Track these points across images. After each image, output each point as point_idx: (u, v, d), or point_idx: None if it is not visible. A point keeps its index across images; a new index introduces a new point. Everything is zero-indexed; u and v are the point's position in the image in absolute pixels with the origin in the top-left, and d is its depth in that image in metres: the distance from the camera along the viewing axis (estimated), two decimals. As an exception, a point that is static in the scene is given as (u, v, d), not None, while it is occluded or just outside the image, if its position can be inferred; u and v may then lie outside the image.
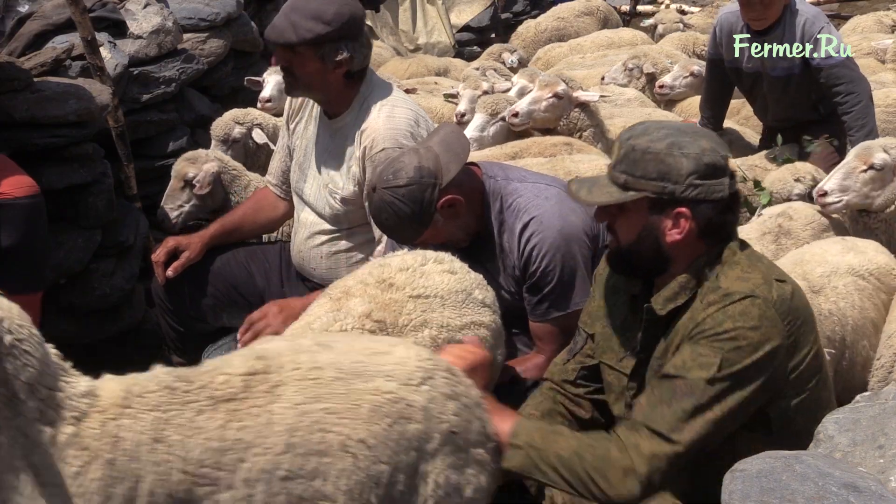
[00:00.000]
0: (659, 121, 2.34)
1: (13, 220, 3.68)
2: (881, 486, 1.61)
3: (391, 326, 2.53)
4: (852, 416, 1.87)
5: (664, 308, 2.26)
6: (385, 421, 1.92)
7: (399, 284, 2.64)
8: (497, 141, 5.06)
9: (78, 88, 4.25)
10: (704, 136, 2.26)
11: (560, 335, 3.00)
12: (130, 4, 5.25)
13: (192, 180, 4.28)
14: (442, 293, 2.64)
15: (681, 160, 2.18)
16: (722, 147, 2.25)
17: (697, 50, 7.07)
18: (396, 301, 2.59)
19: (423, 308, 2.59)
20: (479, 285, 2.75)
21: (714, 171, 2.20)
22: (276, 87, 5.20)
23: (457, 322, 2.62)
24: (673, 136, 2.21)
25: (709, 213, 2.21)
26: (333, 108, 3.43)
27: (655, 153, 2.20)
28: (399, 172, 2.86)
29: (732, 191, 2.24)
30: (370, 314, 2.52)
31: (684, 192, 2.19)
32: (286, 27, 3.20)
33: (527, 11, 11.04)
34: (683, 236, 2.22)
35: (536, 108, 4.94)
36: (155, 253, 3.76)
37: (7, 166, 3.79)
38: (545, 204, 2.97)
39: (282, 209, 3.81)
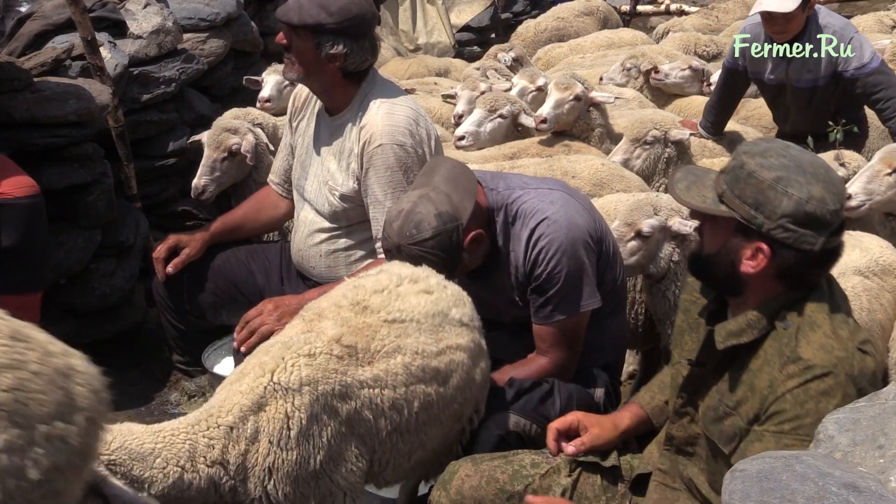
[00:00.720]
0: (787, 145, 2.16)
1: (13, 220, 3.69)
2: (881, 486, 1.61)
3: (362, 352, 2.47)
4: (852, 416, 1.87)
5: (724, 342, 2.17)
6: None
7: (373, 307, 2.57)
8: (494, 138, 5.05)
9: (78, 88, 4.25)
10: (823, 181, 2.07)
11: (563, 339, 2.99)
12: (130, 4, 5.25)
13: (237, 150, 4.26)
14: (418, 317, 2.57)
15: (781, 198, 2.05)
16: (835, 200, 2.07)
17: (699, 51, 7.06)
18: (370, 325, 2.52)
19: (396, 333, 2.53)
20: (456, 302, 2.69)
21: (812, 221, 2.05)
22: (276, 87, 5.20)
23: (432, 348, 2.56)
24: (787, 169, 2.07)
25: (791, 260, 2.08)
26: (332, 104, 3.45)
27: (759, 181, 2.08)
28: (421, 224, 2.79)
29: (828, 247, 2.08)
30: (340, 339, 2.46)
31: (772, 231, 2.07)
32: (293, 7, 3.29)
33: (527, 11, 11.03)
34: (756, 272, 2.11)
35: (561, 111, 4.94)
36: (156, 250, 3.77)
37: (7, 166, 3.79)
38: (551, 208, 2.96)
39: (283, 209, 3.82)
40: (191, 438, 2.27)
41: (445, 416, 2.63)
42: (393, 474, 2.64)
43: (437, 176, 2.93)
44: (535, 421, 2.87)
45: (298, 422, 2.32)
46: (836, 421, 1.87)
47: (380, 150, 3.27)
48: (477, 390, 2.72)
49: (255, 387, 2.35)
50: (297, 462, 2.33)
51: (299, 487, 2.35)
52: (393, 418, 2.49)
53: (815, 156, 2.15)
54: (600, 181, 4.42)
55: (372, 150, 3.28)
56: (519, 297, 3.03)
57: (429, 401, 2.55)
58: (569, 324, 2.97)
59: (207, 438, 2.28)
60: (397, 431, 2.52)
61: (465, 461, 2.56)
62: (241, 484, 2.31)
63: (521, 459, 2.56)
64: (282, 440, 2.31)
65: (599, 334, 3.10)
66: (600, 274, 3.03)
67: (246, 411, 2.31)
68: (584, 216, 2.99)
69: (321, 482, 2.39)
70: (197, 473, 2.26)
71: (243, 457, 2.29)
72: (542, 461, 2.54)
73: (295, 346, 2.43)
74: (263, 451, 2.30)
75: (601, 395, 3.08)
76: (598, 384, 3.09)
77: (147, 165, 5.04)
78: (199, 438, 2.27)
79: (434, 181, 2.91)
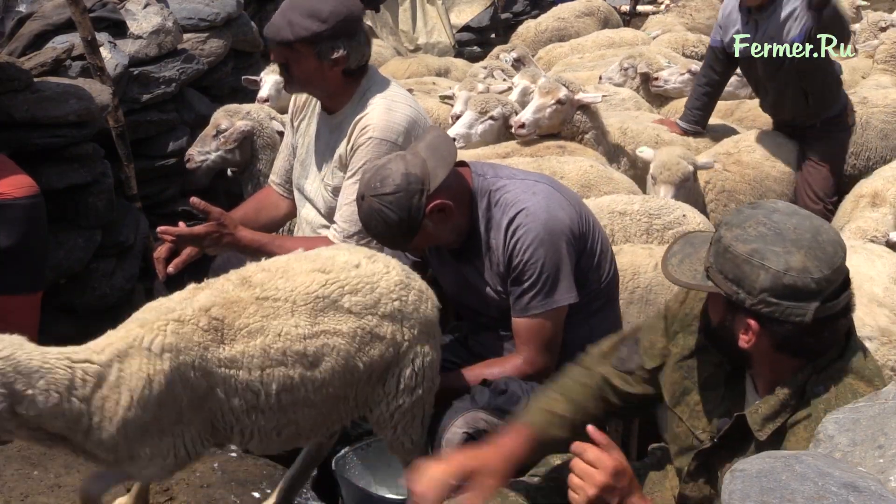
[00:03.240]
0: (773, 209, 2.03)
1: (13, 220, 3.69)
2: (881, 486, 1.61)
3: (227, 327, 2.46)
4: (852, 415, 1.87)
5: (763, 429, 2.05)
6: None
7: (254, 283, 2.54)
8: (486, 139, 5.03)
9: (78, 88, 4.25)
10: (805, 247, 1.94)
11: (540, 333, 2.96)
12: (130, 4, 5.26)
13: (223, 132, 4.40)
14: (294, 297, 2.53)
15: (758, 272, 1.94)
16: (821, 266, 1.93)
17: (688, 51, 7.06)
18: (241, 301, 2.49)
19: (264, 313, 2.49)
20: (356, 288, 2.60)
21: (794, 293, 1.92)
22: (274, 87, 5.20)
23: (301, 331, 2.50)
24: (763, 240, 1.95)
25: (784, 333, 1.97)
26: (333, 104, 3.45)
27: (735, 255, 1.97)
28: (386, 180, 2.84)
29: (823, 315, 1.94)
30: (210, 309, 2.46)
31: (755, 306, 1.96)
32: (283, 25, 3.23)
33: (527, 11, 11.05)
34: (751, 346, 2.02)
35: (541, 115, 4.90)
36: (157, 250, 3.76)
37: (7, 166, 3.79)
38: (532, 199, 2.95)
39: (283, 209, 3.82)
40: (71, 367, 2.29)
41: (319, 399, 2.58)
42: (260, 445, 2.63)
43: (422, 142, 2.97)
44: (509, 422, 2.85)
45: (158, 385, 2.35)
46: (836, 421, 1.87)
47: (369, 142, 3.28)
48: (363, 375, 2.63)
49: (128, 335, 2.39)
50: (150, 420, 2.36)
51: (143, 439, 2.39)
52: (248, 399, 2.48)
53: (805, 217, 2.01)
54: (588, 182, 4.42)
55: (363, 139, 3.29)
56: (501, 286, 3.02)
57: (291, 384, 2.51)
58: (545, 318, 2.94)
59: (83, 372, 2.31)
60: (256, 410, 2.50)
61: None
62: (96, 427, 2.33)
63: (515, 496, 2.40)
64: (141, 398, 2.34)
65: (588, 334, 3.06)
66: (584, 271, 3.01)
67: (113, 356, 2.35)
68: (567, 210, 2.97)
69: (164, 440, 2.42)
70: (70, 405, 2.28)
71: (103, 401, 2.32)
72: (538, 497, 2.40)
73: (167, 308, 2.47)
74: (125, 403, 2.33)
75: None
76: None
77: (147, 165, 5.05)
78: (77, 370, 2.30)
79: (417, 147, 2.95)
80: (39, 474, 3.28)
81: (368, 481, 3.38)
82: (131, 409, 2.33)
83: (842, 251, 1.98)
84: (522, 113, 4.95)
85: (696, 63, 6.18)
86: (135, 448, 2.39)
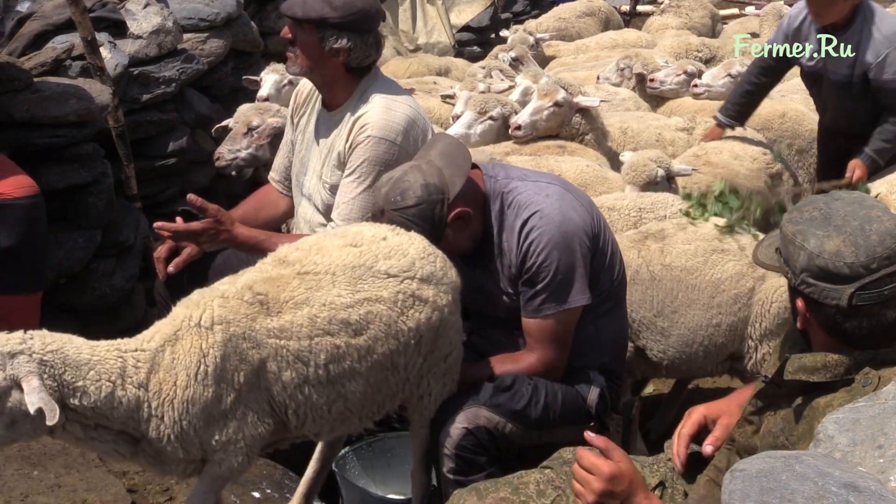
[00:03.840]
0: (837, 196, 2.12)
1: (13, 220, 3.69)
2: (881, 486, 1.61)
3: (272, 301, 2.54)
4: (852, 415, 1.86)
5: (794, 374, 2.11)
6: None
7: (291, 261, 2.65)
8: (485, 139, 5.04)
9: (78, 88, 4.25)
10: (846, 233, 2.02)
11: (553, 333, 2.96)
12: (130, 4, 5.26)
13: (255, 129, 4.56)
14: (335, 269, 2.61)
15: (799, 252, 2.05)
16: (856, 253, 1.99)
17: (690, 55, 7.06)
18: (283, 276, 2.59)
19: (308, 286, 2.57)
20: (389, 254, 2.68)
21: (827, 276, 2.01)
22: (274, 87, 5.21)
23: (344, 300, 2.58)
24: (810, 223, 2.06)
25: (827, 314, 2.05)
26: (332, 99, 3.45)
27: (784, 235, 2.10)
28: (406, 192, 2.82)
29: (860, 303, 2.00)
30: (252, 286, 2.55)
31: (799, 286, 2.07)
32: (297, 2, 3.29)
33: (527, 11, 11.06)
34: (803, 326, 2.12)
35: (538, 118, 4.91)
36: (157, 250, 3.76)
37: (7, 166, 3.79)
38: (545, 201, 2.95)
39: (283, 206, 3.82)
40: (122, 357, 2.36)
41: (365, 368, 2.62)
42: (314, 426, 2.66)
43: (433, 150, 2.96)
44: (511, 420, 2.84)
45: (213, 359, 2.41)
46: (836, 421, 1.87)
47: (368, 140, 3.28)
48: (410, 339, 2.68)
49: (175, 318, 2.47)
50: (211, 399, 2.42)
51: (209, 423, 2.44)
52: (299, 370, 2.53)
53: (864, 207, 2.08)
54: (584, 182, 4.43)
55: (362, 137, 3.29)
56: (511, 288, 3.02)
57: (338, 353, 2.56)
58: (558, 319, 2.94)
59: (135, 360, 2.37)
60: (308, 383, 2.55)
61: (471, 493, 2.41)
62: (157, 413, 2.39)
63: (526, 487, 2.42)
64: (198, 374, 2.40)
65: (595, 334, 3.08)
66: (595, 272, 3.01)
67: (165, 340, 2.42)
68: (580, 212, 2.98)
69: (229, 423, 2.47)
70: (126, 393, 2.34)
71: (161, 385, 2.38)
72: (548, 488, 2.41)
73: (212, 290, 2.57)
74: (182, 383, 2.39)
75: (595, 397, 3.04)
76: (593, 388, 3.05)
77: (147, 165, 5.05)
78: (129, 359, 2.37)
79: (430, 155, 2.94)
80: (39, 474, 3.27)
81: (368, 481, 3.38)
82: (189, 388, 2.39)
83: (892, 242, 2.00)
84: (520, 115, 4.95)
85: (692, 64, 6.17)
86: (203, 436, 2.44)
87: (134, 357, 2.37)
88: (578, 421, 3.01)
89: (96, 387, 2.29)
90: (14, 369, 2.20)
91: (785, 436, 2.13)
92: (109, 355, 2.34)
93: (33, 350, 2.23)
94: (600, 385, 3.06)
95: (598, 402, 3.05)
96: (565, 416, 2.97)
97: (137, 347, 2.40)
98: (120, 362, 2.34)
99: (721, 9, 9.90)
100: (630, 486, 2.09)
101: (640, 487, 2.11)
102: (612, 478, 2.09)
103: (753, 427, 2.27)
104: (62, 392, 2.26)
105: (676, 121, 5.57)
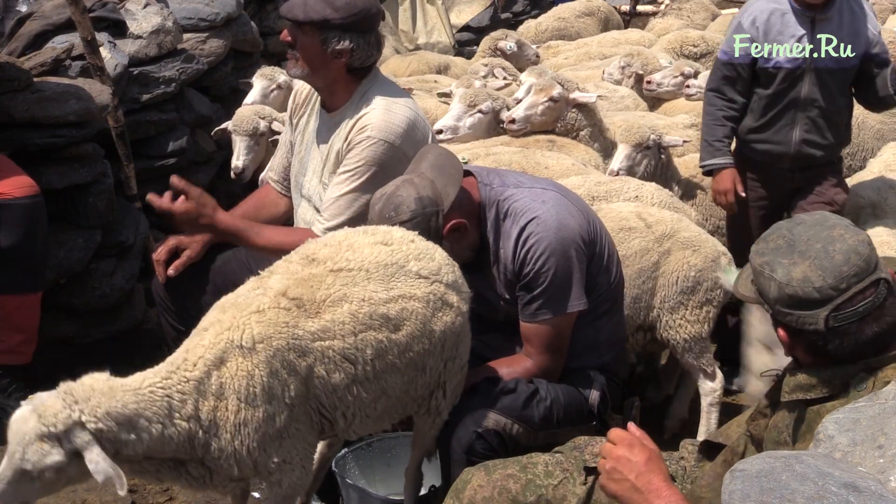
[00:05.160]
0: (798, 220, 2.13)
1: (13, 220, 3.69)
2: (881, 486, 1.61)
3: (308, 302, 2.47)
4: (852, 415, 1.87)
5: (790, 394, 2.13)
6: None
7: (321, 259, 2.58)
8: (476, 133, 5.03)
9: (78, 88, 4.25)
10: (811, 258, 2.02)
11: (549, 337, 2.97)
12: (130, 4, 5.25)
13: (265, 130, 4.78)
14: (367, 265, 2.57)
15: (769, 283, 2.06)
16: (823, 276, 1.99)
17: (685, 51, 7.06)
18: (315, 276, 2.53)
19: (343, 282, 2.52)
20: (419, 256, 2.66)
21: (800, 303, 2.01)
22: (261, 93, 5.24)
23: (381, 295, 2.54)
24: (776, 252, 2.07)
25: (810, 340, 2.05)
26: (333, 101, 3.44)
27: (754, 268, 2.11)
28: (400, 207, 2.81)
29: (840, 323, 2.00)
30: (286, 292, 2.48)
31: (777, 316, 2.09)
32: (298, 4, 3.26)
33: (527, 11, 11.05)
34: (790, 354, 2.13)
35: (533, 112, 4.92)
36: (156, 252, 3.76)
37: (7, 166, 3.79)
38: (542, 207, 2.95)
39: (283, 206, 3.81)
40: (168, 394, 2.30)
41: (403, 364, 2.61)
42: (362, 426, 2.66)
43: (424, 162, 2.95)
44: (518, 421, 2.85)
45: (260, 379, 2.36)
46: (836, 421, 1.87)
47: (366, 140, 3.27)
48: (438, 342, 2.67)
49: (217, 342, 2.38)
50: (264, 419, 2.38)
51: (265, 445, 2.40)
52: (347, 370, 2.50)
53: (825, 228, 2.06)
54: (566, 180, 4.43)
55: (360, 137, 3.28)
56: (509, 294, 3.02)
57: (382, 347, 2.54)
58: (554, 324, 2.95)
59: (180, 393, 2.31)
60: (356, 382, 2.53)
61: (479, 470, 2.49)
62: (213, 439, 2.36)
63: (534, 466, 2.49)
64: (248, 397, 2.35)
65: (594, 335, 3.09)
66: (592, 276, 3.02)
67: (209, 366, 2.35)
68: (577, 217, 2.98)
69: (284, 443, 2.44)
70: (176, 428, 2.30)
71: (213, 412, 2.34)
72: (556, 470, 2.48)
73: (244, 304, 2.47)
74: (233, 407, 2.34)
75: (596, 397, 3.05)
76: (594, 387, 3.06)
77: (147, 165, 5.05)
78: (174, 393, 2.31)
79: (421, 167, 2.93)
80: (39, 474, 3.26)
81: (368, 481, 3.37)
82: (241, 412, 2.35)
83: (857, 259, 2.00)
84: (514, 109, 4.96)
85: (689, 65, 6.13)
86: (259, 457, 2.40)
87: (179, 391, 2.31)
88: (581, 421, 3.03)
89: (147, 433, 2.26)
90: (72, 444, 2.16)
91: (788, 432, 2.15)
92: (155, 396, 2.29)
93: (85, 419, 2.18)
94: (601, 385, 3.07)
95: (600, 401, 3.06)
96: (568, 416, 2.98)
97: (180, 379, 2.33)
98: (166, 401, 2.29)
99: (722, 9, 9.89)
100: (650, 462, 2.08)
101: (661, 469, 2.10)
102: (630, 444, 2.11)
103: (767, 420, 2.29)
104: (117, 446, 2.22)
105: (682, 118, 5.56)
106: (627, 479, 2.06)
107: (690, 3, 9.36)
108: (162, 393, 2.30)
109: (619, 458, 2.10)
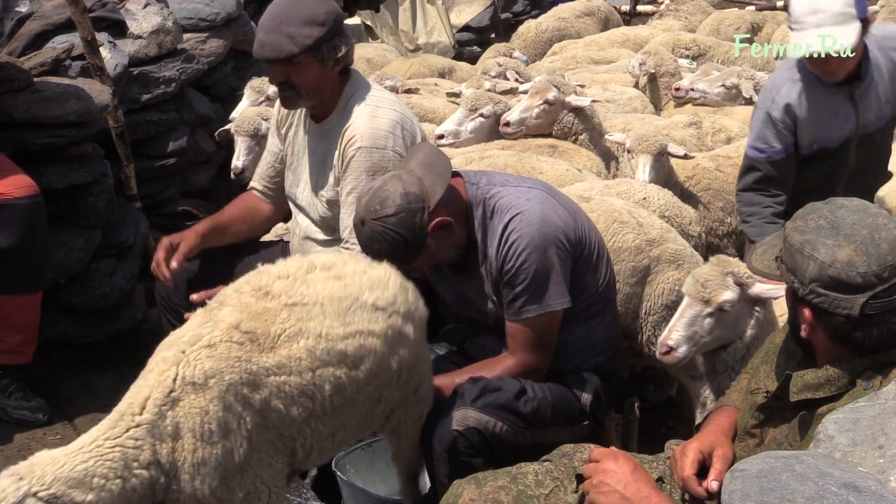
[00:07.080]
0: (840, 204, 2.10)
1: (13, 220, 3.69)
2: (881, 486, 1.61)
3: (263, 336, 2.40)
4: (852, 416, 1.87)
5: (799, 394, 2.12)
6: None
7: (275, 292, 2.49)
8: (477, 136, 5.01)
9: (78, 88, 4.25)
10: (857, 243, 2.00)
11: (533, 336, 2.96)
12: (130, 4, 5.25)
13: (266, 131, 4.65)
14: (322, 300, 2.49)
15: (808, 262, 2.03)
16: (869, 262, 1.98)
17: (677, 54, 7.04)
18: (270, 310, 2.44)
19: (298, 316, 2.45)
20: (373, 286, 2.58)
21: (839, 285, 2.00)
22: (250, 106, 5.18)
23: (338, 331, 2.48)
24: (818, 232, 2.04)
25: (835, 324, 2.05)
26: (324, 111, 3.42)
27: (790, 245, 2.08)
28: (386, 201, 2.80)
29: (875, 311, 1.99)
30: (239, 325, 2.39)
31: (807, 296, 2.05)
32: (282, 41, 3.16)
33: (527, 11, 11.04)
34: (808, 337, 2.11)
35: (528, 115, 4.90)
36: (154, 257, 3.75)
37: (7, 166, 3.79)
38: (527, 204, 2.94)
39: (265, 213, 3.79)
40: (117, 444, 2.22)
41: (361, 399, 2.58)
42: (320, 456, 2.63)
43: (413, 160, 2.94)
44: (501, 419, 2.84)
45: (215, 415, 2.30)
46: (836, 421, 1.87)
47: (358, 153, 3.26)
48: (395, 374, 2.64)
49: (163, 380, 2.30)
50: (223, 455, 2.31)
51: (226, 481, 2.34)
52: (305, 405, 2.45)
53: (869, 215, 2.06)
54: (561, 185, 4.39)
55: (352, 151, 3.27)
56: (496, 294, 3.01)
57: (340, 384, 2.49)
58: (538, 322, 2.94)
59: (133, 440, 2.24)
60: (314, 416, 2.49)
61: (469, 483, 2.45)
62: (174, 481, 2.30)
63: (524, 477, 2.45)
64: (204, 434, 2.29)
65: (586, 335, 3.07)
66: (581, 276, 3.00)
67: (160, 406, 2.28)
68: (562, 215, 2.96)
69: (246, 475, 2.38)
70: (137, 479, 2.24)
71: (172, 454, 2.28)
72: (546, 479, 2.44)
73: (193, 338, 2.38)
74: (189, 446, 2.28)
75: (588, 399, 3.04)
76: (587, 388, 3.05)
77: (147, 165, 5.05)
78: (125, 441, 2.23)
79: (410, 164, 2.93)
80: (39, 474, 3.26)
81: (368, 481, 3.37)
82: (198, 450, 2.29)
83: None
84: (510, 112, 4.95)
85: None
86: (222, 494, 2.34)
87: (130, 438, 2.24)
88: (573, 421, 3.03)
89: (107, 491, 2.19)
90: None
91: (789, 442, 2.15)
92: (102, 450, 2.21)
93: (35, 490, 2.11)
94: (595, 385, 3.06)
95: (593, 401, 3.05)
96: (558, 416, 2.97)
97: (129, 426, 2.25)
98: (118, 452, 2.21)
99: (720, 9, 9.89)
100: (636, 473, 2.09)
101: (646, 480, 2.11)
102: (611, 454, 2.13)
103: (756, 440, 2.28)
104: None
105: (681, 118, 5.53)
106: (616, 490, 2.07)
107: (688, 4, 9.37)
108: (110, 445, 2.21)
109: (604, 471, 2.11)
